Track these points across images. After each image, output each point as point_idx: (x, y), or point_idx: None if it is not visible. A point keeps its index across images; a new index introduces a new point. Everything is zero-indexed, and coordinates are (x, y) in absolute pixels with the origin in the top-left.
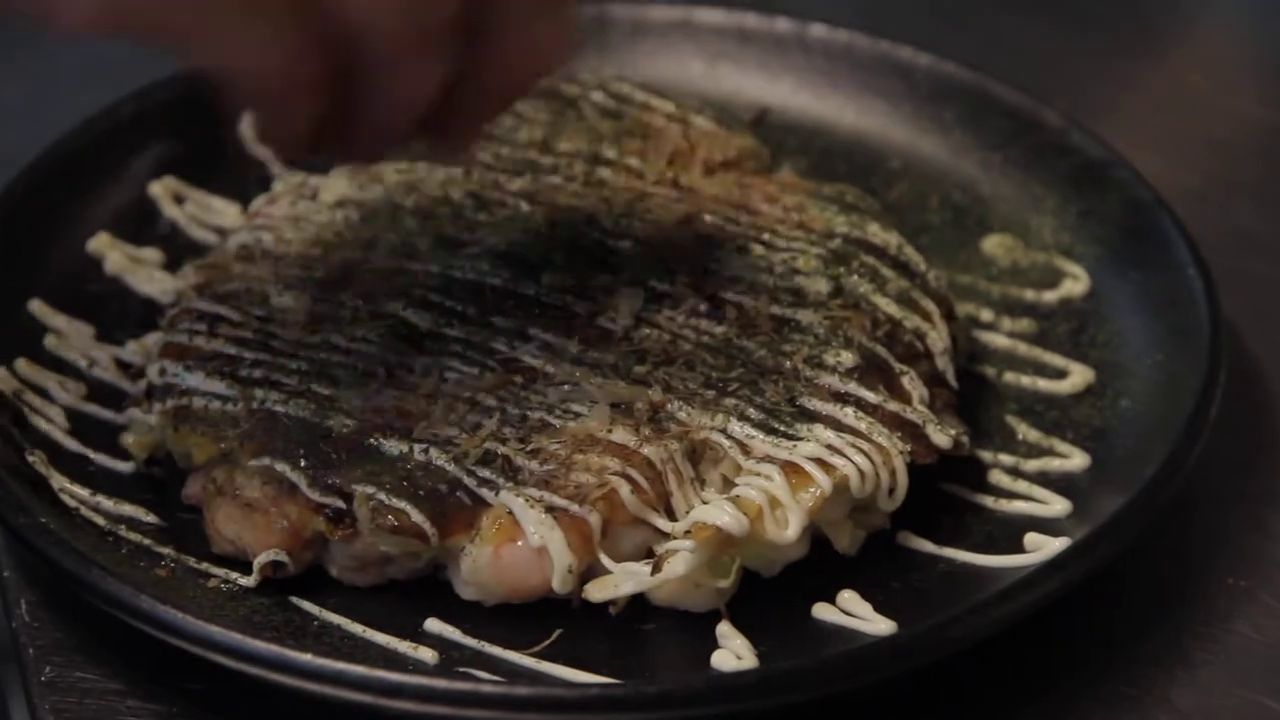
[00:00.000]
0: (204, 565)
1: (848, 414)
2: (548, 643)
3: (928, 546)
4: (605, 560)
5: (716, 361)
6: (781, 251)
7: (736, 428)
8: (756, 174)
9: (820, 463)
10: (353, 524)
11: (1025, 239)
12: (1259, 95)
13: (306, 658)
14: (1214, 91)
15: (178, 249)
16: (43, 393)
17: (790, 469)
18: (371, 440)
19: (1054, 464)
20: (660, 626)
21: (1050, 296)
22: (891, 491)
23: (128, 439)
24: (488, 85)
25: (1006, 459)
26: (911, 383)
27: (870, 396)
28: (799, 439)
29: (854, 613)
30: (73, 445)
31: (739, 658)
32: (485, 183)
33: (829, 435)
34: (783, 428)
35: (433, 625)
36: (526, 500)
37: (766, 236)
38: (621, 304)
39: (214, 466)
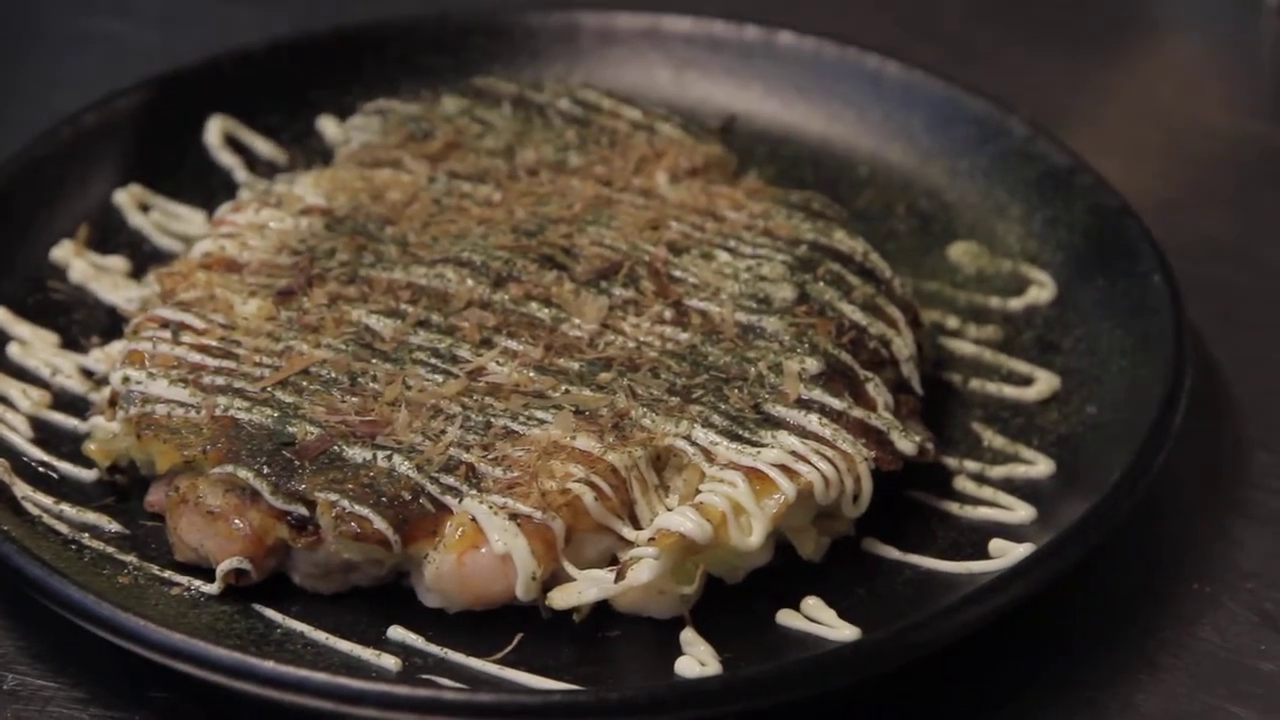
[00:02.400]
0: (167, 573)
1: (812, 420)
2: (510, 649)
3: (892, 553)
4: (569, 567)
5: (681, 368)
6: (747, 258)
7: (701, 434)
8: (723, 181)
9: (784, 469)
10: (316, 531)
11: (991, 246)
12: (1225, 103)
13: (269, 665)
14: (1181, 99)
15: (143, 257)
16: (6, 400)
17: (754, 475)
18: (335, 447)
19: (1019, 470)
20: (624, 633)
21: (1016, 303)
22: (856, 498)
23: (91, 447)
24: None
25: (972, 465)
26: (876, 389)
27: (835, 403)
28: (763, 445)
29: (818, 619)
30: (36, 453)
31: (703, 664)
32: (450, 190)
33: (793, 442)
34: (747, 434)
35: (396, 632)
36: (490, 507)
37: (732, 243)
38: (586, 311)
39: (177, 474)
